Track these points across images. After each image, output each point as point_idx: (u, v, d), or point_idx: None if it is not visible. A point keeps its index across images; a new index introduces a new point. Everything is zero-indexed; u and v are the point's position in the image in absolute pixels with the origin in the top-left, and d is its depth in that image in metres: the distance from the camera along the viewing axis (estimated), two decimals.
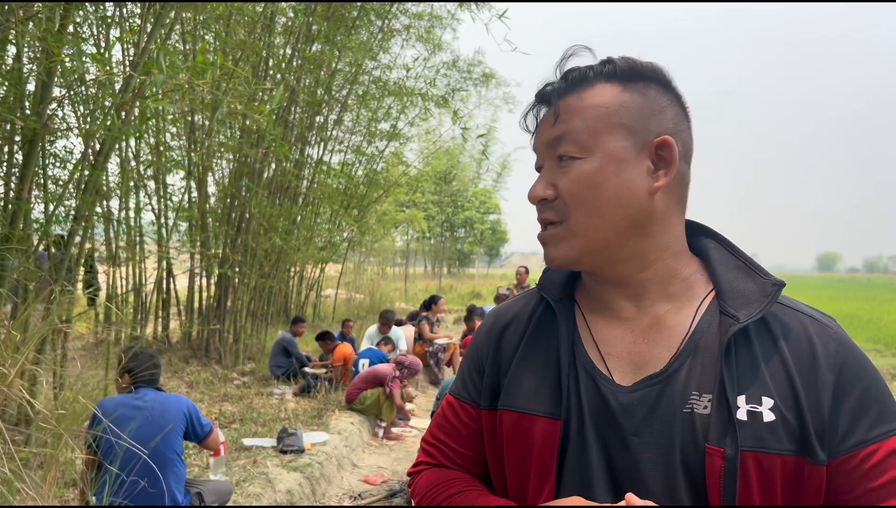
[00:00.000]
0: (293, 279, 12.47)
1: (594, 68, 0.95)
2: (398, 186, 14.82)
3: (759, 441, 0.84)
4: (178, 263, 8.79)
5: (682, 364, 0.91)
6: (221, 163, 9.05)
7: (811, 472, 0.84)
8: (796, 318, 0.92)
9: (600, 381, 0.94)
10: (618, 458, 0.90)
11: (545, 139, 0.97)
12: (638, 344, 0.95)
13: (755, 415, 0.85)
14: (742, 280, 0.95)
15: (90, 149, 5.06)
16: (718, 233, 1.04)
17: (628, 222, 0.93)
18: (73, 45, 4.49)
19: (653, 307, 0.96)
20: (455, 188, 33.67)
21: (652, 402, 0.89)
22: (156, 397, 3.35)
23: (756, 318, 0.89)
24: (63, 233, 4.98)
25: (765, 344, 0.90)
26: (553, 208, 0.95)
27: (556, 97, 0.97)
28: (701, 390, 0.88)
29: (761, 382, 0.87)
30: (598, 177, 0.92)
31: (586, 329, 1.00)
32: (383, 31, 9.89)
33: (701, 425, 0.86)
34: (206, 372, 7.71)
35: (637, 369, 0.93)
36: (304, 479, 4.77)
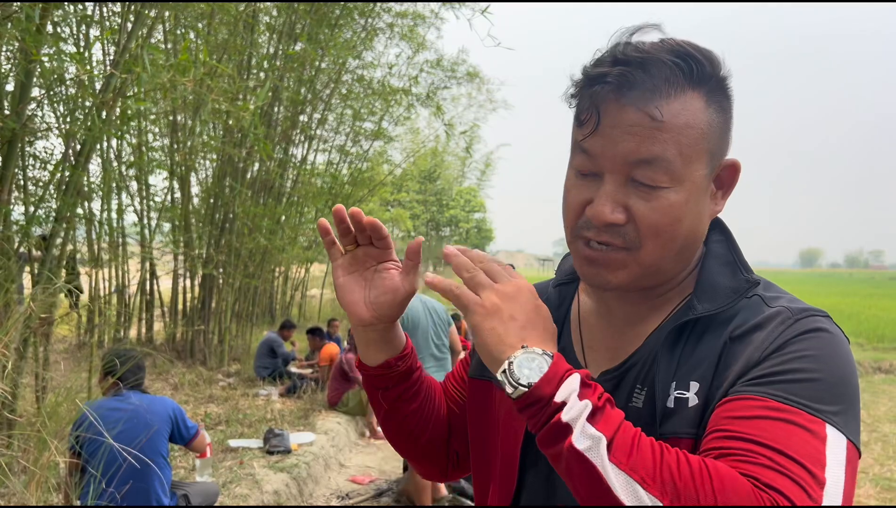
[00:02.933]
0: (278, 279, 12.43)
1: (682, 68, 0.80)
2: (383, 185, 14.80)
3: (681, 426, 0.81)
4: (161, 264, 8.72)
5: (638, 359, 0.90)
6: (205, 162, 8.99)
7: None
8: (767, 308, 0.84)
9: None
10: None
11: (624, 152, 0.80)
12: (615, 338, 0.95)
13: (681, 402, 0.82)
14: (723, 275, 0.90)
15: (71, 149, 5.00)
16: (727, 229, 0.97)
17: (685, 250, 0.88)
18: (52, 45, 4.44)
19: (640, 305, 0.95)
20: (440, 187, 33.72)
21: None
22: (140, 399, 3.32)
23: (714, 312, 0.85)
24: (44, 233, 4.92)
25: (716, 334, 0.84)
26: (621, 234, 0.83)
27: (648, 94, 0.79)
28: (642, 384, 0.88)
29: (692, 368, 0.83)
30: (682, 210, 0.82)
31: (577, 317, 1.01)
32: (367, 29, 9.86)
33: (636, 418, 0.81)
34: (190, 373, 7.66)
35: (609, 363, 0.94)
36: (291, 480, 4.75)
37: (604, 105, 0.82)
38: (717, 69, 0.84)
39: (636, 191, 0.82)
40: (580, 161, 0.86)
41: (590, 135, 0.83)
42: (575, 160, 0.88)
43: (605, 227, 0.83)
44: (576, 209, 0.87)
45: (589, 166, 0.85)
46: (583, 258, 0.88)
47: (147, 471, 3.19)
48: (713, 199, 0.89)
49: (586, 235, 0.86)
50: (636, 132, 0.80)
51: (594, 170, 0.85)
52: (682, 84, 0.81)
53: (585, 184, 0.86)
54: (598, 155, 0.83)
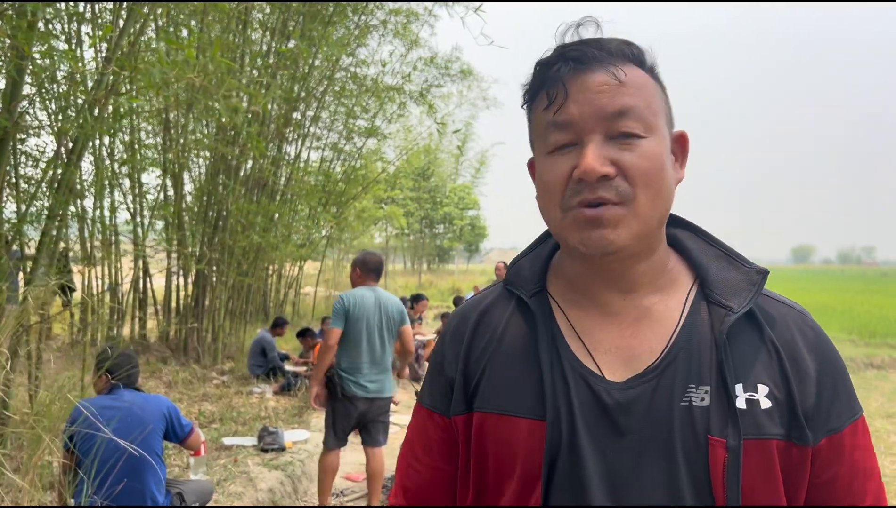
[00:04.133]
0: (272, 277, 12.41)
1: (625, 50, 0.89)
2: (377, 183, 14.78)
3: (758, 429, 0.84)
4: (154, 262, 8.69)
5: (675, 356, 0.88)
6: (198, 160, 8.96)
7: (799, 454, 0.85)
8: (776, 307, 0.93)
9: (591, 379, 0.89)
10: (614, 457, 0.85)
11: (600, 108, 0.85)
12: (626, 338, 0.91)
13: (753, 403, 0.85)
14: (725, 269, 0.95)
15: (63, 147, 4.98)
16: (692, 223, 1.02)
17: (666, 213, 0.91)
18: (43, 42, 4.42)
19: (641, 300, 0.93)
20: (433, 184, 33.71)
21: (648, 398, 0.86)
22: (134, 397, 3.32)
23: (748, 307, 0.89)
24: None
25: (753, 332, 0.89)
26: (614, 187, 0.84)
27: (606, 63, 0.86)
28: (698, 382, 0.86)
29: (756, 370, 0.87)
30: (662, 159, 0.87)
31: (567, 324, 0.95)
32: (360, 26, 9.84)
33: (700, 417, 0.84)
34: (184, 371, 7.64)
35: (627, 364, 0.89)
36: (285, 477, 4.76)
37: (567, 77, 0.86)
38: (650, 56, 0.91)
39: (618, 146, 0.85)
40: (555, 137, 0.88)
41: (562, 106, 0.86)
42: (548, 140, 0.89)
43: (597, 183, 0.84)
44: (561, 182, 0.88)
45: (565, 137, 0.87)
46: (583, 222, 0.86)
47: (142, 469, 3.19)
48: (674, 167, 0.93)
49: (580, 200, 0.86)
50: (605, 90, 0.85)
51: (572, 139, 0.87)
52: (629, 60, 0.88)
53: (565, 157, 0.88)
54: (575, 120, 0.86)
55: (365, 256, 4.40)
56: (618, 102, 0.84)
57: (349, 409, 4.20)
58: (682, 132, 0.95)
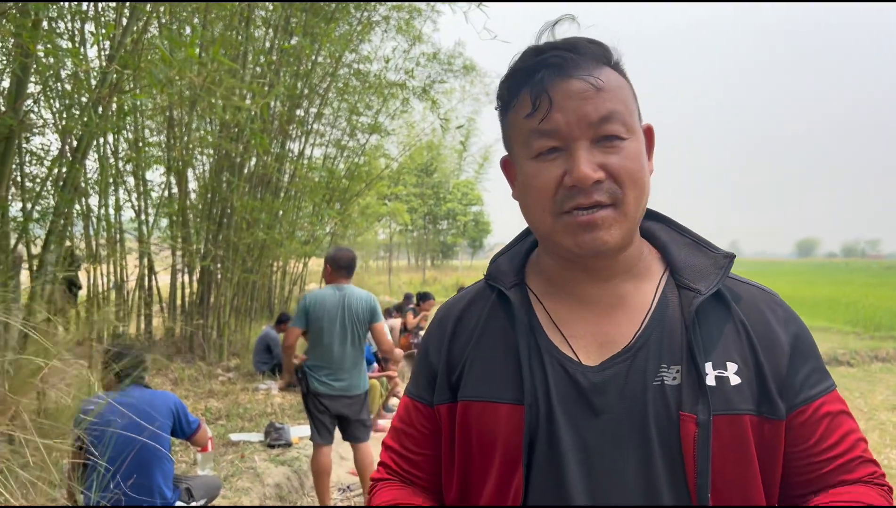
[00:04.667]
0: (276, 274, 12.42)
1: (595, 50, 0.92)
2: (380, 179, 14.78)
3: (728, 405, 0.87)
4: (159, 260, 8.72)
5: (647, 338, 0.93)
6: (202, 158, 8.98)
7: (772, 429, 0.89)
8: (744, 289, 0.98)
9: (567, 363, 0.94)
10: (589, 436, 0.90)
11: (585, 115, 0.88)
12: (602, 324, 0.96)
13: (723, 380, 0.89)
14: (694, 256, 1.00)
15: (67, 145, 5.00)
16: (664, 215, 1.08)
17: (646, 206, 0.96)
18: (47, 41, 4.43)
19: (616, 288, 0.98)
20: (437, 180, 33.68)
21: (623, 378, 0.91)
22: (142, 394, 3.33)
23: (715, 289, 0.93)
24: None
25: (721, 313, 0.94)
26: (605, 190, 0.88)
27: (585, 68, 0.90)
28: (669, 362, 0.91)
29: (724, 348, 0.91)
30: (642, 158, 0.92)
31: (545, 313, 0.99)
32: (362, 22, 9.83)
33: (672, 396, 0.88)
34: (190, 368, 7.67)
35: (602, 348, 0.94)
36: (292, 473, 4.78)
37: (550, 85, 0.89)
38: (615, 53, 0.95)
39: (603, 150, 0.89)
40: (541, 143, 0.91)
41: (547, 115, 0.89)
42: (532, 146, 0.92)
43: (592, 187, 0.88)
44: (550, 188, 0.91)
45: (552, 143, 0.90)
46: (577, 226, 0.90)
47: (150, 465, 3.21)
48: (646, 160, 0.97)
49: (574, 204, 0.89)
50: (587, 97, 0.88)
51: (559, 145, 0.90)
52: (600, 62, 0.92)
53: (551, 162, 0.91)
54: (563, 128, 0.89)
55: (336, 253, 4.36)
56: (601, 108, 0.88)
57: (318, 405, 4.22)
58: (649, 125, 0.99)
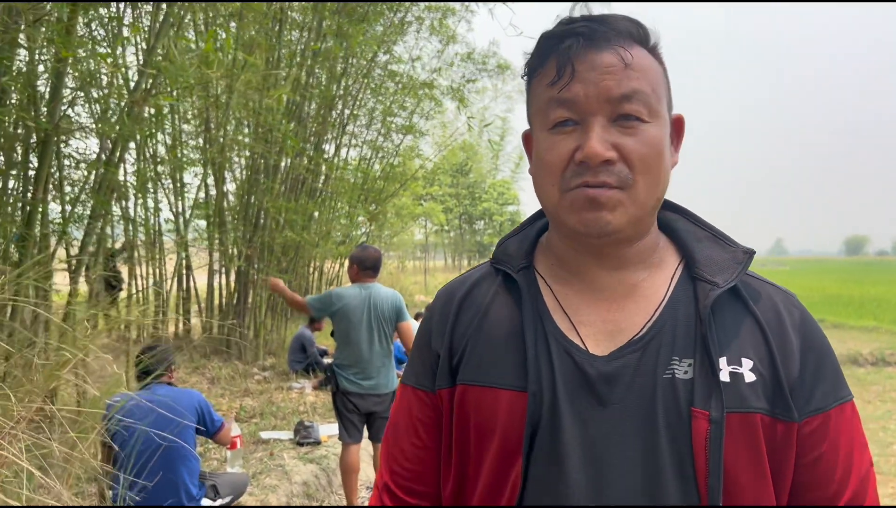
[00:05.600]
0: (313, 274, 12.55)
1: (630, 28, 0.88)
2: (415, 180, 14.82)
3: (742, 402, 0.83)
4: (197, 260, 8.88)
5: (659, 330, 0.89)
6: (239, 159, 9.12)
7: (784, 430, 0.85)
8: (761, 286, 0.94)
9: (574, 352, 0.89)
10: (595, 429, 0.86)
11: (606, 90, 0.84)
12: (612, 312, 0.92)
13: (737, 377, 0.85)
14: (711, 248, 0.95)
15: (104, 148, 5.12)
16: (681, 206, 1.03)
17: (662, 197, 0.92)
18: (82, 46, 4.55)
19: (629, 277, 0.94)
20: (472, 180, 33.65)
21: (632, 370, 0.87)
22: (168, 392, 3.39)
23: (732, 283, 0.89)
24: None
25: (737, 308, 0.90)
26: (615, 172, 0.84)
27: (616, 43, 0.85)
28: (681, 355, 0.87)
29: (739, 344, 0.87)
30: (662, 145, 0.87)
31: (553, 299, 0.95)
32: (394, 23, 9.87)
33: (683, 390, 0.84)
34: (227, 367, 7.79)
35: (612, 338, 0.90)
36: (320, 471, 4.81)
37: (576, 55, 0.85)
38: (655, 37, 0.90)
39: (621, 130, 0.85)
40: (557, 114, 0.87)
41: (568, 84, 0.85)
42: (549, 116, 0.88)
43: (600, 166, 0.84)
44: (561, 162, 0.87)
45: (569, 114, 0.86)
46: (584, 202, 0.86)
47: (176, 462, 3.26)
48: (670, 151, 0.92)
49: (580, 182, 0.85)
50: (613, 72, 0.84)
51: (575, 117, 0.86)
52: (633, 40, 0.87)
53: (565, 136, 0.87)
54: (581, 100, 0.85)
55: (362, 253, 4.35)
56: (624, 86, 0.84)
57: (347, 404, 4.23)
58: (679, 116, 0.94)
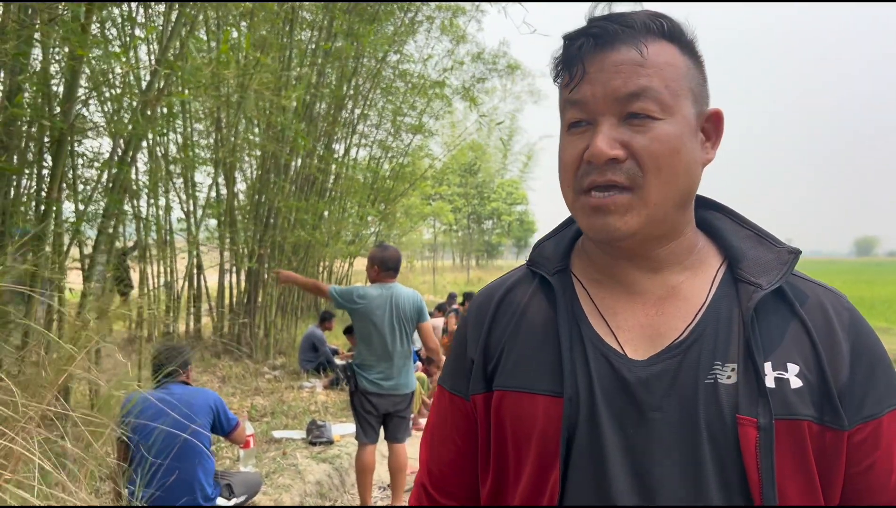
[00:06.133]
0: (323, 274, 12.57)
1: (655, 24, 0.86)
2: (424, 179, 14.83)
3: (788, 409, 0.81)
4: (208, 259, 8.90)
5: (700, 334, 0.86)
6: (249, 159, 9.14)
7: (833, 439, 0.82)
8: (808, 287, 0.90)
9: (612, 356, 0.87)
10: (635, 436, 0.84)
11: (613, 89, 0.83)
12: (651, 316, 0.90)
13: (782, 382, 0.82)
14: (755, 249, 0.92)
15: (118, 148, 5.13)
16: (724, 205, 1.00)
17: (686, 196, 0.88)
18: (96, 45, 4.56)
19: (667, 279, 0.91)
20: (481, 179, 33.63)
21: (672, 375, 0.84)
22: (183, 391, 3.39)
23: (777, 285, 0.86)
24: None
25: (783, 311, 0.87)
26: (623, 171, 0.83)
27: (629, 40, 0.84)
28: (724, 359, 0.84)
29: (785, 348, 0.84)
30: (678, 142, 0.84)
31: (590, 303, 0.93)
32: (405, 23, 9.87)
33: (727, 395, 0.81)
34: (237, 366, 7.81)
35: (651, 342, 0.88)
36: (333, 470, 4.81)
37: (588, 55, 0.85)
38: (685, 30, 0.88)
39: (631, 128, 0.84)
40: (571, 114, 0.87)
41: (578, 84, 0.85)
42: (565, 117, 0.88)
43: (606, 166, 0.83)
44: (573, 162, 0.87)
45: (580, 115, 0.86)
46: (589, 209, 0.86)
47: (191, 461, 3.26)
48: (703, 148, 0.90)
49: (589, 182, 0.85)
50: (622, 70, 0.83)
51: (586, 117, 0.86)
52: (657, 35, 0.86)
53: (579, 136, 0.87)
54: (589, 99, 0.85)
55: (383, 253, 4.32)
56: (632, 84, 0.83)
57: (365, 404, 4.21)
58: (716, 110, 0.91)
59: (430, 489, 1.05)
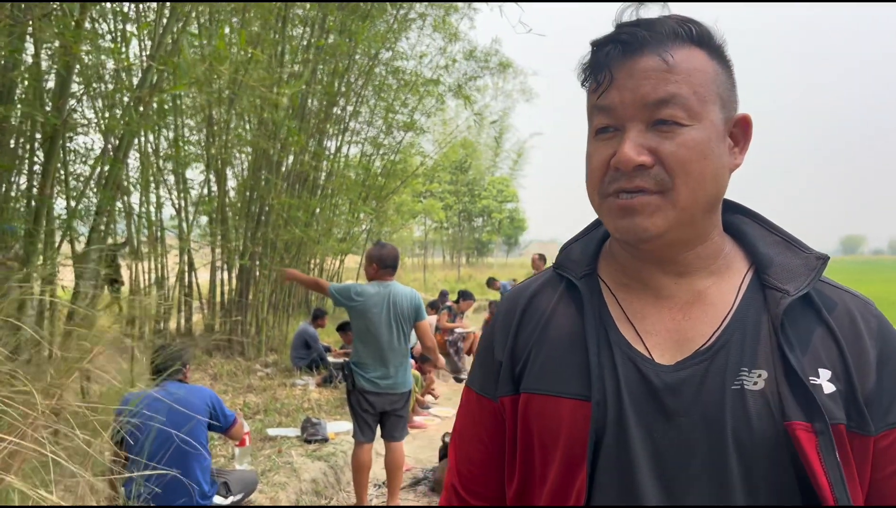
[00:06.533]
0: (313, 271, 12.54)
1: (684, 29, 0.86)
2: (415, 177, 14.81)
3: (829, 413, 0.81)
4: (199, 257, 8.86)
5: (727, 339, 0.87)
6: (240, 156, 9.10)
7: (860, 444, 0.83)
8: (836, 294, 0.91)
9: (639, 361, 0.88)
10: (662, 440, 0.84)
11: (642, 96, 0.84)
12: (678, 321, 0.90)
13: (816, 388, 0.82)
14: (783, 254, 0.93)
15: (109, 144, 5.09)
16: (751, 210, 1.00)
17: (714, 200, 0.89)
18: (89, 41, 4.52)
19: (694, 283, 0.91)
20: (471, 177, 33.61)
21: (699, 380, 0.85)
22: (179, 389, 3.38)
23: (805, 291, 0.87)
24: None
25: (810, 317, 0.87)
26: (651, 176, 0.84)
27: (657, 47, 0.84)
28: (751, 366, 0.84)
29: (815, 354, 0.85)
30: (706, 147, 0.84)
31: (617, 307, 0.94)
32: (398, 20, 9.85)
33: (753, 401, 0.82)
34: (229, 364, 7.78)
35: (678, 347, 0.88)
36: (328, 468, 4.81)
37: (616, 61, 0.85)
38: (714, 35, 0.89)
39: (659, 135, 0.84)
40: (599, 120, 0.88)
41: (606, 90, 0.86)
42: (593, 123, 0.89)
43: (634, 172, 0.84)
44: (601, 168, 0.87)
45: (608, 121, 0.87)
46: (617, 210, 0.86)
47: (189, 459, 3.25)
48: (731, 153, 0.90)
49: (617, 187, 0.85)
50: (650, 76, 0.84)
51: (614, 124, 0.86)
52: (685, 41, 0.86)
53: (606, 142, 0.87)
54: (617, 106, 0.85)
55: (381, 251, 4.31)
56: (661, 90, 0.83)
57: (363, 402, 4.21)
58: (744, 116, 0.91)
59: (460, 490, 1.06)
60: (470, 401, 1.07)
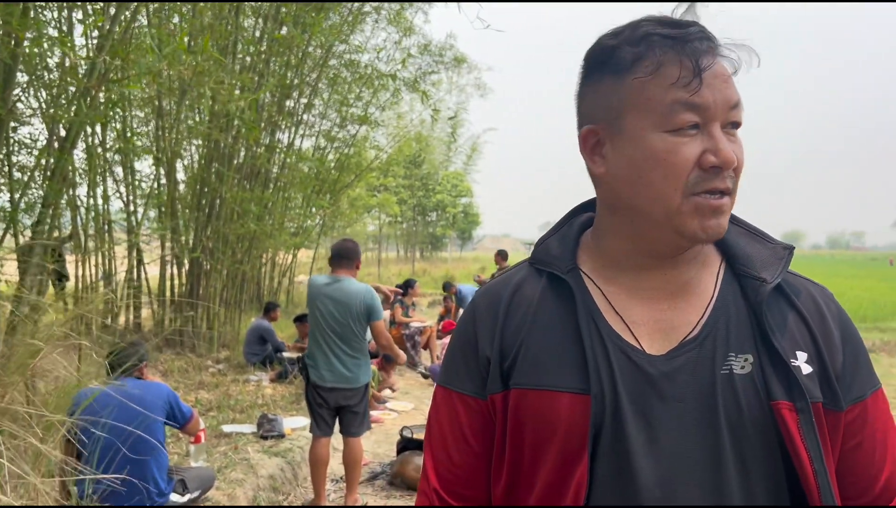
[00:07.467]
0: (265, 266, 12.37)
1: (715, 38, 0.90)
2: (370, 171, 14.73)
3: (809, 392, 0.87)
4: (148, 251, 8.65)
5: (713, 327, 0.91)
6: (190, 148, 8.91)
7: (833, 420, 0.90)
8: (797, 281, 0.97)
9: (630, 352, 0.90)
10: (659, 428, 0.87)
11: (727, 98, 0.87)
12: (664, 311, 0.93)
13: (796, 369, 0.88)
14: (751, 245, 0.98)
15: (55, 135, 4.94)
16: None
17: None
18: (35, 29, 4.37)
19: (678, 276, 0.95)
20: (425, 172, 33.58)
21: (691, 367, 0.89)
22: (135, 385, 3.32)
23: (779, 279, 0.93)
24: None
25: (783, 303, 0.93)
26: (730, 178, 0.87)
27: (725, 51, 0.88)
28: (738, 351, 0.89)
29: (792, 338, 0.91)
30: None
31: (604, 300, 0.95)
32: (353, 12, 9.77)
33: (742, 384, 0.87)
34: (180, 360, 7.64)
35: (666, 336, 0.92)
36: (285, 464, 4.78)
37: (704, 59, 0.86)
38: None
39: (728, 137, 0.88)
40: (685, 117, 0.85)
41: (699, 89, 0.85)
42: (673, 119, 0.86)
43: (726, 172, 0.87)
44: (687, 166, 0.86)
45: (696, 118, 0.86)
46: (708, 210, 0.86)
47: (145, 456, 3.20)
48: None
49: (710, 186, 0.86)
50: (728, 79, 0.88)
51: (700, 122, 0.86)
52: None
53: (690, 139, 0.86)
54: (710, 105, 0.86)
55: (336, 243, 4.38)
56: (736, 94, 0.88)
57: (316, 397, 4.20)
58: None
59: (441, 492, 1.02)
60: (449, 401, 1.03)
